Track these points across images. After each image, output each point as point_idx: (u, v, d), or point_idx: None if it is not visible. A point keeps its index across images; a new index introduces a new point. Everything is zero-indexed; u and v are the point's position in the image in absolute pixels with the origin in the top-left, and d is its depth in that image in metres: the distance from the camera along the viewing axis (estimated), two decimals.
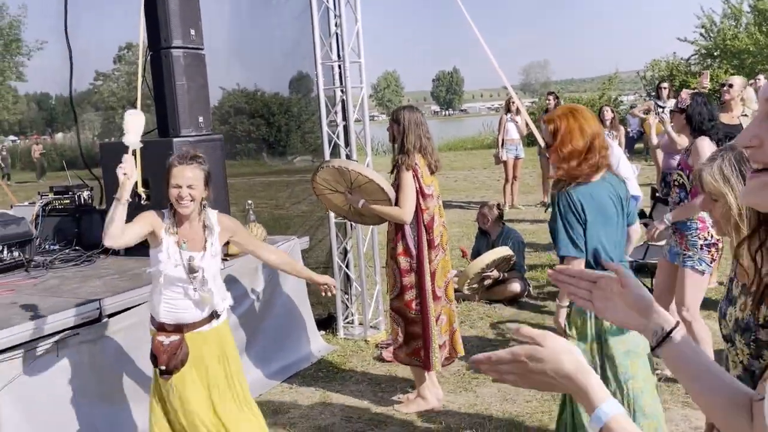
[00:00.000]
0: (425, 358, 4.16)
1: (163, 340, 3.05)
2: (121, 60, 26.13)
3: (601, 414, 1.01)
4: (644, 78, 24.31)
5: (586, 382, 1.04)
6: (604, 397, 1.03)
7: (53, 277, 4.44)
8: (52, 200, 5.42)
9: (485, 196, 12.32)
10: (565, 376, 1.04)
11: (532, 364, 1.05)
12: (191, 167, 3.04)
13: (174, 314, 3.07)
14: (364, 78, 5.66)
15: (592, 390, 1.03)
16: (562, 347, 1.05)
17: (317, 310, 5.72)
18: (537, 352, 1.05)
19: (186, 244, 3.07)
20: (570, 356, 1.05)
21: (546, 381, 1.05)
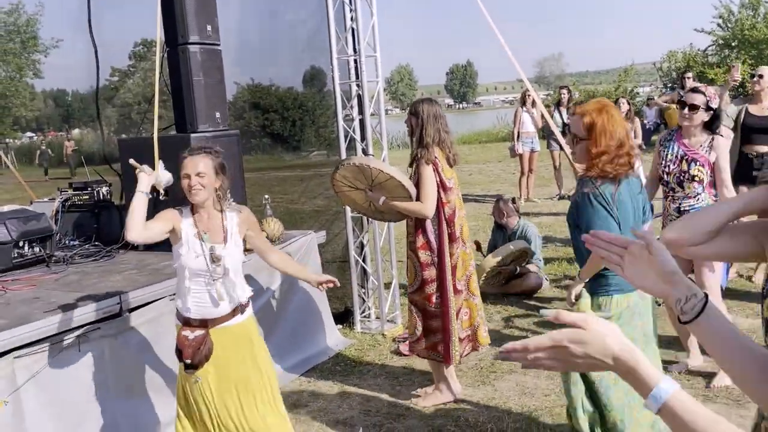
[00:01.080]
0: (445, 352, 4.16)
1: (188, 335, 3.07)
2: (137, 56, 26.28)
3: (661, 392, 1.00)
4: (660, 69, 24.09)
5: (635, 362, 1.03)
6: (659, 376, 1.02)
7: (74, 273, 4.49)
8: (71, 196, 5.48)
9: (500, 189, 12.28)
10: (613, 356, 1.03)
11: (574, 347, 1.05)
12: (200, 156, 3.07)
13: (199, 308, 3.08)
14: (379, 72, 5.65)
15: (643, 370, 1.03)
16: (605, 329, 1.05)
17: (334, 304, 5.74)
18: (579, 335, 1.05)
19: (207, 235, 3.09)
20: (615, 337, 1.05)
21: (590, 363, 1.05)
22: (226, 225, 3.15)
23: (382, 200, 4.14)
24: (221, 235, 3.12)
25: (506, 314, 5.87)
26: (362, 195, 4.29)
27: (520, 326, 5.56)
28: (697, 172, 4.14)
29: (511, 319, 5.74)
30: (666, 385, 1.01)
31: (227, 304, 3.12)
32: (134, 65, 26.25)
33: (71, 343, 3.52)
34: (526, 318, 5.74)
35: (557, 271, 6.95)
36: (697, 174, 4.14)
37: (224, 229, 3.14)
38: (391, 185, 4.08)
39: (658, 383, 1.01)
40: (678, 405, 0.99)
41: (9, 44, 25.59)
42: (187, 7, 4.67)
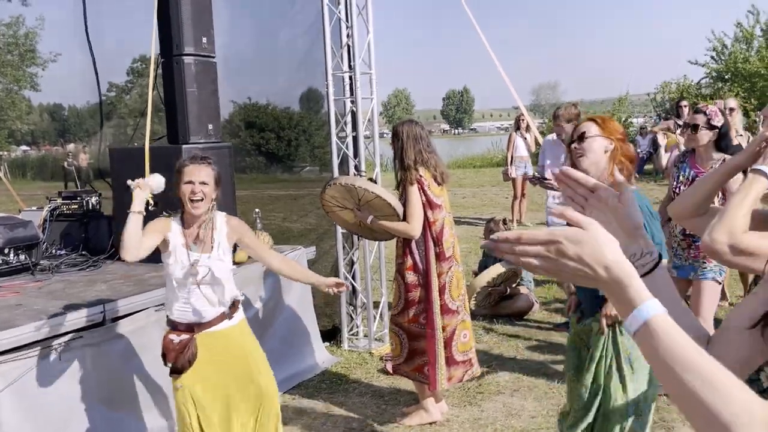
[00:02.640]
0: (431, 375, 4.10)
1: (174, 339, 3.10)
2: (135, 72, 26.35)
3: (643, 311, 0.92)
4: (654, 100, 24.31)
5: (627, 276, 0.94)
6: (647, 296, 0.93)
7: (58, 281, 4.44)
8: (60, 205, 5.44)
9: (494, 213, 12.27)
10: (605, 265, 0.94)
11: (570, 247, 0.95)
12: (203, 166, 3.11)
13: (184, 314, 3.12)
14: (374, 89, 5.67)
15: (635, 286, 0.94)
16: (606, 236, 0.96)
17: (322, 321, 5.69)
18: (577, 234, 0.96)
19: (195, 245, 3.11)
20: (613, 246, 0.96)
21: (578, 269, 0.96)
22: (214, 234, 3.17)
23: (370, 219, 4.12)
24: (209, 245, 3.13)
25: (496, 336, 5.82)
26: (352, 214, 4.27)
27: (509, 348, 5.51)
28: None
29: (501, 341, 5.69)
30: (654, 304, 0.92)
31: (214, 310, 3.13)
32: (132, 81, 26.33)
33: (53, 350, 3.46)
34: (515, 339, 5.69)
35: (547, 293, 6.92)
36: None
37: (212, 238, 3.16)
38: (379, 204, 4.06)
39: (647, 300, 0.93)
40: (661, 327, 0.90)
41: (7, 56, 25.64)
42: (183, 19, 4.69)
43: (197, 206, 3.05)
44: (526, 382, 4.75)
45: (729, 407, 0.82)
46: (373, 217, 4.11)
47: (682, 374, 0.86)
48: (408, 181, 4.00)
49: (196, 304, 3.10)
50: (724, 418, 0.81)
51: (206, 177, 3.07)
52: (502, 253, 1.01)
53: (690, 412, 0.86)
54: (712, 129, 4.02)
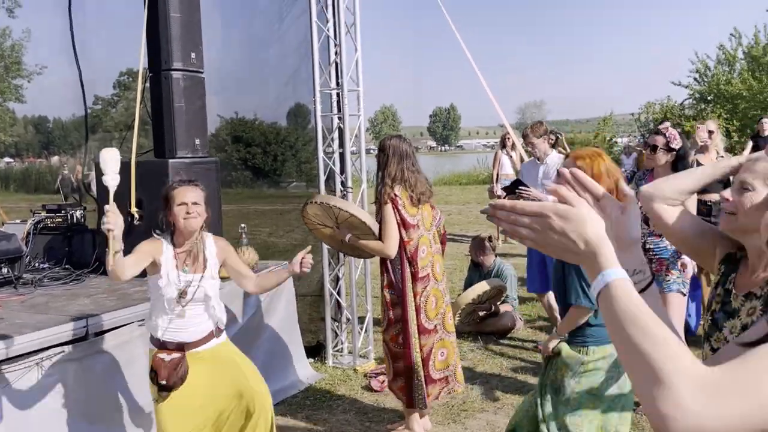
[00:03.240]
0: (407, 396, 4.10)
1: (164, 357, 3.09)
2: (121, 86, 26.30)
3: (607, 275, 1.00)
4: (638, 120, 24.57)
5: (600, 247, 1.02)
6: (615, 263, 1.01)
7: (41, 295, 4.40)
8: (44, 218, 5.40)
9: (479, 230, 12.33)
10: (585, 239, 1.02)
11: (557, 221, 1.03)
12: (192, 187, 3.18)
13: (175, 333, 3.13)
14: (362, 106, 5.70)
15: (604, 254, 1.02)
16: (591, 216, 1.04)
17: (306, 337, 5.68)
18: (566, 210, 1.04)
19: (188, 267, 3.15)
20: (596, 224, 1.04)
21: (562, 242, 1.04)
22: (206, 254, 3.22)
23: (349, 237, 4.13)
24: (201, 266, 3.19)
25: (479, 353, 5.83)
26: (333, 232, 4.30)
27: (493, 365, 5.52)
28: None
29: (485, 358, 5.70)
30: (618, 271, 1.00)
31: (203, 329, 3.17)
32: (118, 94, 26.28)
33: (35, 365, 3.43)
34: (499, 357, 5.71)
35: (532, 311, 6.95)
36: None
37: (204, 258, 3.21)
38: (356, 223, 4.08)
39: (612, 267, 1.01)
40: (620, 289, 0.98)
41: None
42: (172, 34, 4.70)
43: (192, 223, 3.09)
44: (510, 399, 4.75)
45: (662, 357, 0.89)
46: (351, 235, 4.13)
47: (629, 328, 0.94)
48: (383, 200, 4.00)
49: (188, 323, 3.13)
50: (656, 365, 0.89)
51: (198, 198, 3.14)
52: (499, 220, 1.08)
53: (631, 363, 0.94)
54: (669, 151, 4.15)
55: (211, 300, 3.16)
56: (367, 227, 4.06)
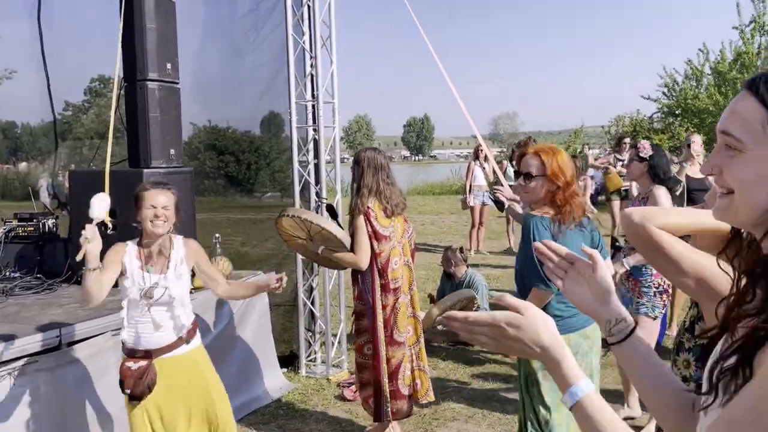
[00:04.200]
0: (375, 407, 4.13)
1: (131, 365, 3.09)
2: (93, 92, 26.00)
3: (577, 390, 1.08)
4: (609, 132, 24.95)
5: (561, 357, 1.10)
6: (579, 375, 1.09)
7: (12, 305, 4.37)
8: (15, 227, 5.36)
9: (452, 240, 12.43)
10: (542, 346, 1.10)
11: (510, 330, 1.11)
12: (163, 191, 3.17)
13: (141, 338, 3.12)
14: (336, 118, 5.76)
15: (567, 366, 1.10)
16: (541, 319, 1.11)
17: (280, 347, 5.69)
18: (516, 319, 1.11)
19: (153, 268, 3.14)
20: (547, 329, 1.11)
21: (520, 348, 1.12)
22: (172, 255, 3.21)
23: (321, 249, 4.18)
24: (165, 266, 3.18)
25: (451, 363, 5.90)
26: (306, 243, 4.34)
27: (464, 375, 5.59)
28: None
29: (457, 368, 5.76)
30: (584, 384, 1.08)
31: (171, 333, 3.15)
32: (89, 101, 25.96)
33: (6, 375, 3.41)
34: (471, 367, 5.78)
35: None
36: None
37: (170, 259, 3.20)
38: (328, 236, 4.13)
39: (578, 382, 1.09)
40: (590, 404, 1.06)
41: None
42: (148, 44, 4.72)
43: (159, 225, 3.10)
44: (481, 409, 4.82)
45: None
46: (324, 248, 4.17)
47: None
48: (356, 212, 4.05)
49: (153, 326, 3.11)
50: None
51: (168, 202, 3.15)
52: (455, 330, 1.14)
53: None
54: (642, 161, 4.27)
55: (176, 302, 3.15)
56: (339, 240, 4.11)
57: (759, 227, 1.03)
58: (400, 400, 4.13)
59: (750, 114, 1.00)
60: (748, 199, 1.02)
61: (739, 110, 1.03)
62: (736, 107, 1.04)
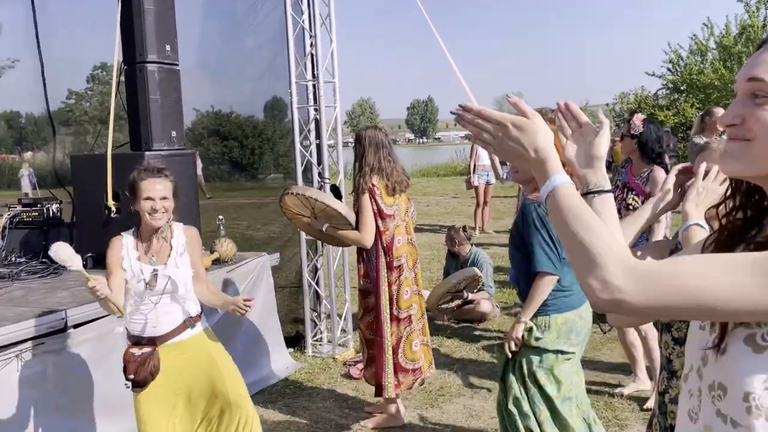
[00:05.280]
0: (377, 383, 4.17)
1: (135, 352, 3.03)
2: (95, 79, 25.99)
3: (554, 180, 1.14)
4: (613, 110, 24.81)
5: (548, 155, 1.17)
6: (560, 170, 1.16)
7: (19, 288, 4.40)
8: (20, 213, 5.38)
9: (456, 220, 12.42)
10: (535, 148, 1.17)
11: (513, 131, 1.18)
12: (160, 179, 3.03)
13: (145, 327, 3.06)
14: (337, 98, 5.74)
15: (551, 162, 1.17)
16: (543, 128, 1.18)
17: (286, 327, 5.72)
18: (523, 122, 1.18)
19: (152, 257, 3.07)
20: (545, 137, 1.18)
21: (515, 148, 1.19)
22: (172, 243, 3.13)
23: (326, 227, 4.19)
24: (166, 254, 3.10)
25: (457, 340, 5.92)
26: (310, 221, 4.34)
27: (470, 351, 5.61)
28: (632, 200, 4.29)
29: (462, 345, 5.79)
30: (563, 177, 1.15)
31: (175, 321, 3.09)
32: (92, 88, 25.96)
33: (13, 357, 3.44)
34: (476, 343, 5.80)
35: (508, 299, 7.05)
36: (632, 203, 4.29)
37: (171, 247, 3.12)
38: (332, 213, 4.13)
39: (559, 173, 1.15)
40: (564, 192, 1.13)
41: None
42: (146, 26, 4.70)
43: (158, 218, 3.01)
44: (486, 384, 4.84)
45: (597, 242, 1.03)
46: (329, 225, 4.18)
47: (573, 223, 1.08)
48: (360, 190, 4.05)
49: (157, 315, 3.05)
50: (591, 249, 1.03)
51: (165, 192, 3.02)
52: (465, 122, 1.22)
53: (573, 252, 1.07)
54: (633, 138, 4.26)
55: (179, 290, 3.07)
56: (343, 217, 4.12)
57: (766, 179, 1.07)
58: (402, 373, 4.16)
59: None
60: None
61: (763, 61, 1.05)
62: (764, 56, 1.06)
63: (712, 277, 0.95)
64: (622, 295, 0.98)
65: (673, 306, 0.97)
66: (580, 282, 1.04)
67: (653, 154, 4.25)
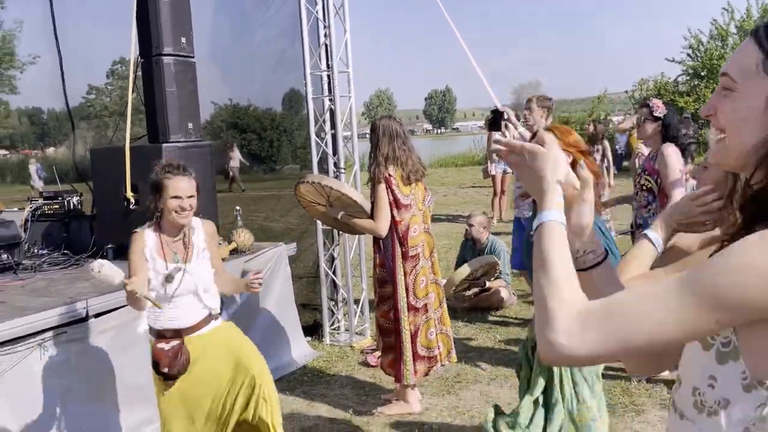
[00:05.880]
0: (396, 371, 4.20)
1: (164, 346, 3.04)
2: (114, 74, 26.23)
3: (545, 215, 1.17)
4: (632, 98, 24.58)
5: (549, 188, 1.20)
6: (555, 206, 1.18)
7: (41, 279, 4.48)
8: (41, 205, 5.47)
9: (474, 210, 12.41)
10: (540, 176, 1.21)
11: (529, 158, 1.23)
12: (186, 178, 3.05)
13: (170, 322, 3.08)
14: (352, 88, 5.76)
15: (549, 195, 1.19)
16: (554, 156, 1.22)
17: (304, 316, 5.77)
18: (536, 151, 1.22)
19: (175, 254, 3.08)
20: (555, 166, 1.21)
21: (530, 176, 1.23)
22: (193, 240, 3.15)
23: (341, 215, 4.21)
24: (188, 252, 3.11)
25: (474, 327, 5.94)
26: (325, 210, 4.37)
27: (487, 339, 5.63)
28: (645, 181, 4.27)
29: (479, 333, 5.81)
30: (555, 214, 1.17)
31: (197, 316, 3.10)
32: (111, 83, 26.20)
33: (36, 346, 3.52)
34: (493, 331, 5.81)
35: (525, 287, 7.04)
36: (645, 183, 4.26)
37: (192, 244, 3.14)
38: (347, 201, 4.15)
39: (550, 209, 1.17)
40: (548, 229, 1.14)
41: None
42: (162, 19, 4.75)
43: (185, 216, 3.03)
44: (503, 371, 4.86)
45: (550, 293, 1.05)
46: (344, 213, 4.21)
47: (540, 270, 1.10)
48: (376, 179, 4.07)
49: (181, 311, 3.07)
50: (548, 306, 1.04)
51: (191, 190, 3.04)
52: (499, 149, 1.28)
53: (537, 300, 1.08)
54: (655, 120, 4.20)
55: (201, 286, 3.09)
56: (358, 205, 4.15)
57: (748, 167, 1.07)
58: (419, 361, 4.19)
59: (748, 56, 1.06)
60: (737, 137, 1.07)
61: (739, 54, 1.09)
62: (737, 52, 1.10)
63: (645, 313, 0.98)
64: (569, 350, 1.00)
65: (614, 350, 1.00)
66: (537, 335, 1.06)
67: (678, 135, 4.20)
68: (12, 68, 26.41)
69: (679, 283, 0.97)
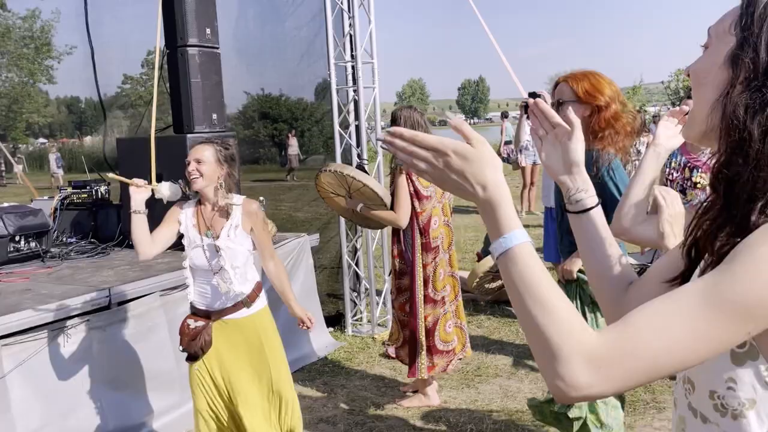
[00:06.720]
0: (410, 363, 4.19)
1: (190, 323, 3.08)
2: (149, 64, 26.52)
3: (509, 239, 0.96)
4: (668, 88, 24.13)
5: (499, 199, 0.98)
6: (515, 225, 0.97)
7: (67, 267, 4.57)
8: (70, 194, 5.58)
9: None
10: (482, 184, 0.98)
11: (455, 160, 0.98)
12: (203, 145, 3.09)
13: (201, 299, 3.10)
14: (376, 78, 5.74)
15: (503, 210, 0.98)
16: (491, 156, 1.00)
17: (327, 307, 5.80)
18: (465, 149, 0.98)
19: (210, 231, 3.06)
20: (495, 168, 0.99)
21: (458, 183, 0.99)
22: (229, 217, 3.09)
23: (360, 207, 4.20)
24: (220, 226, 3.07)
25: (495, 321, 5.90)
26: (345, 201, 4.36)
27: (508, 333, 5.59)
28: (699, 179, 4.17)
29: (501, 326, 5.77)
30: (520, 234, 0.96)
31: (230, 296, 3.07)
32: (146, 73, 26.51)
33: (60, 333, 3.59)
34: (514, 324, 5.77)
35: None
36: (700, 181, 4.16)
37: (227, 220, 3.09)
38: (368, 193, 4.14)
39: (515, 230, 0.97)
40: (521, 255, 0.95)
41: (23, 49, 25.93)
42: (187, 10, 4.78)
43: (195, 182, 3.02)
44: (524, 365, 4.83)
45: (555, 331, 0.90)
46: (363, 205, 4.19)
47: (528, 301, 0.93)
48: (397, 171, 4.06)
49: (211, 288, 3.06)
50: (550, 339, 0.90)
51: (201, 156, 3.02)
52: (395, 149, 1.01)
53: (530, 335, 0.93)
54: None
55: (230, 263, 3.02)
56: (379, 198, 4.13)
57: (710, 134, 1.02)
58: (437, 355, 4.17)
59: (729, 15, 1.02)
60: (701, 94, 1.03)
61: (724, 14, 1.05)
62: (727, 12, 1.06)
63: (673, 342, 0.88)
64: (592, 389, 0.89)
65: (643, 382, 0.92)
66: (540, 370, 0.93)
67: None
68: (50, 58, 26.91)
69: (702, 303, 0.88)
